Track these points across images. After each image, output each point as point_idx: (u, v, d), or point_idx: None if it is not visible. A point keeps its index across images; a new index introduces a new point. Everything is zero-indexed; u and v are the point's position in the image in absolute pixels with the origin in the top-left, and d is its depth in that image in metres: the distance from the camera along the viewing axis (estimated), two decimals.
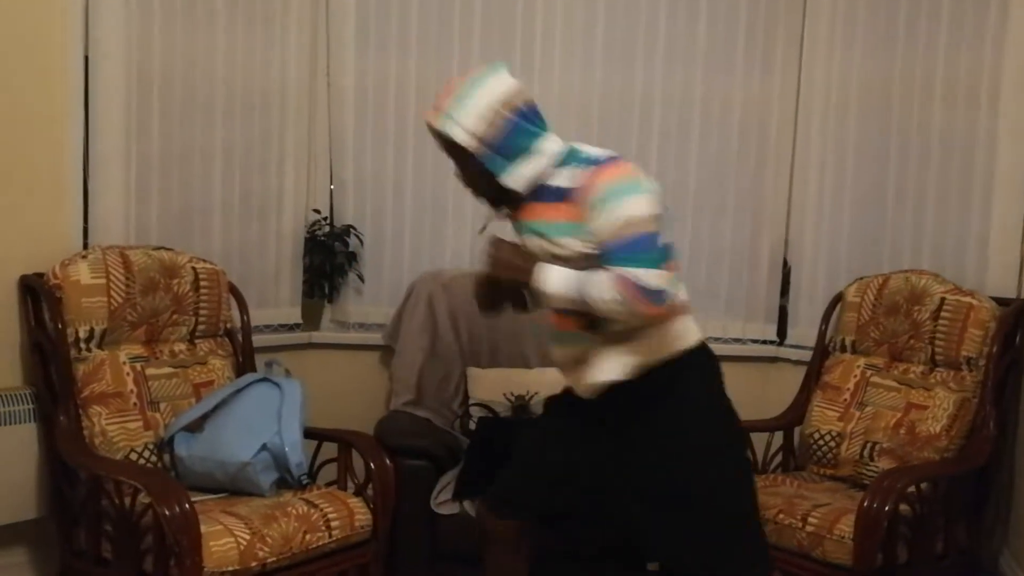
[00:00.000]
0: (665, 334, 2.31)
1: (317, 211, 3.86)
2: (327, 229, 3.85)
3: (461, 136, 2.18)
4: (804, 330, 3.84)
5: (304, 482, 2.94)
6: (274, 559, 2.63)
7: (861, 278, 3.51)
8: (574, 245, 2.20)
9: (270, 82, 3.65)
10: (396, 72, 3.86)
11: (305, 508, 2.78)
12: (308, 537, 2.72)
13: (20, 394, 2.89)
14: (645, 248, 2.14)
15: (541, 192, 2.25)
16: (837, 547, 2.77)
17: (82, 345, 2.90)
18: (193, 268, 3.18)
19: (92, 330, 2.91)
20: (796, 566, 2.89)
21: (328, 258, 3.84)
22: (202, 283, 3.19)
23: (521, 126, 2.21)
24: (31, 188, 3.00)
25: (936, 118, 3.56)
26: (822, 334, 3.58)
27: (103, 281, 2.94)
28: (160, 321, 3.09)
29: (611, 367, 2.29)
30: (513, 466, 2.54)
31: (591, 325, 2.26)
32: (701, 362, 2.40)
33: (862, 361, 3.40)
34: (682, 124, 3.93)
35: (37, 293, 2.91)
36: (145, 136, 3.30)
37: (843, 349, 3.48)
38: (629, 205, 2.15)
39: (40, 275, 2.93)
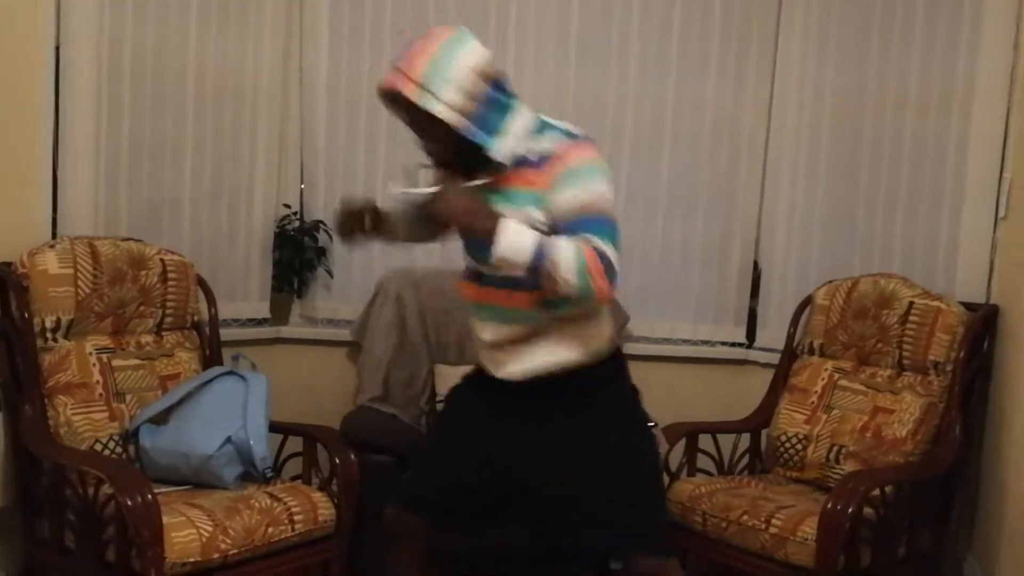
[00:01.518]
0: (604, 329, 2.32)
1: (287, 206, 3.85)
2: (297, 224, 3.84)
3: (444, 112, 2.08)
4: (773, 333, 3.86)
5: (268, 476, 2.93)
6: (236, 551, 2.61)
7: (830, 281, 3.54)
8: (533, 215, 2.14)
9: (243, 75, 3.64)
10: (369, 68, 3.85)
11: (269, 502, 2.77)
12: (271, 530, 2.71)
13: None
14: (610, 227, 2.13)
15: (515, 161, 2.19)
16: (800, 549, 2.78)
17: (48, 335, 2.88)
18: (161, 260, 3.16)
19: (59, 320, 2.89)
20: (759, 568, 2.90)
21: (297, 253, 3.83)
22: (170, 275, 3.17)
23: (497, 97, 2.16)
24: (0, 177, 2.97)
25: (908, 125, 3.59)
26: (791, 337, 3.60)
27: (71, 271, 2.92)
28: (127, 312, 3.07)
29: (560, 352, 2.26)
30: (417, 460, 2.52)
31: (545, 304, 2.21)
32: (623, 362, 2.42)
33: (830, 364, 3.42)
34: (654, 129, 3.93)
35: (4, 282, 2.88)
36: (116, 127, 3.28)
37: (811, 352, 3.50)
38: (602, 186, 2.15)
39: (7, 264, 2.90)
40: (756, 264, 4.01)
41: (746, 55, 3.90)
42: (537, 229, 2.13)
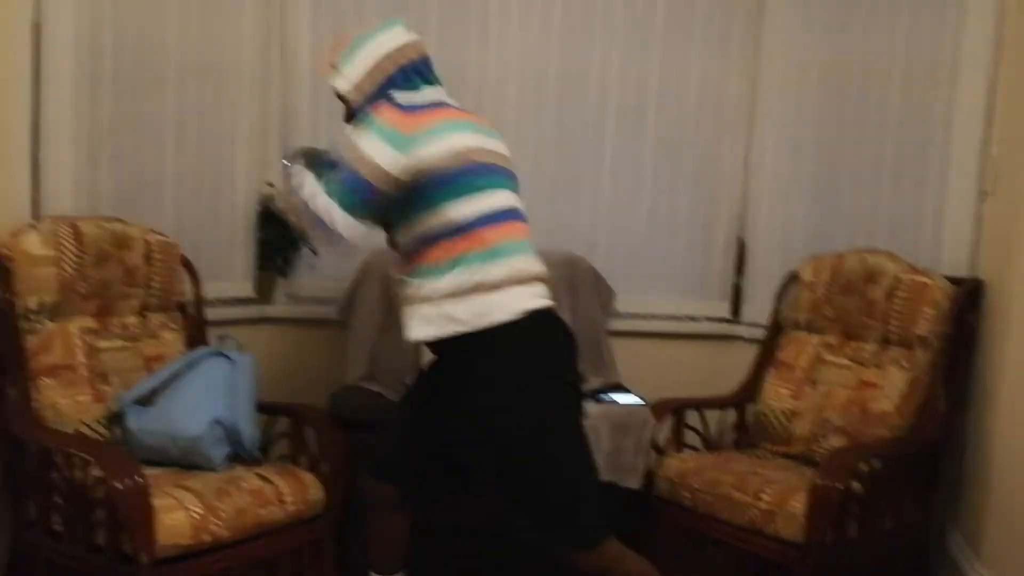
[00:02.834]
0: (483, 301, 2.28)
1: (271, 184, 3.81)
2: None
3: (344, 87, 2.35)
4: (758, 308, 3.86)
5: (257, 456, 2.92)
6: (227, 534, 2.60)
7: (816, 256, 3.55)
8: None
9: (224, 53, 3.58)
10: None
11: (258, 482, 2.76)
12: (261, 512, 2.70)
13: None
14: (345, 183, 2.26)
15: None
16: (789, 523, 2.80)
17: (32, 316, 2.84)
18: (145, 240, 3.13)
19: (42, 301, 2.86)
20: (748, 542, 2.93)
21: (282, 232, 3.79)
22: (154, 255, 3.14)
23: (397, 80, 2.32)
24: None
25: (894, 98, 3.59)
26: (776, 312, 3.61)
27: (54, 252, 2.88)
28: (111, 293, 3.04)
29: (419, 324, 2.32)
30: (383, 427, 2.63)
31: (412, 272, 2.33)
32: (520, 334, 2.31)
33: (815, 339, 3.44)
34: (638, 100, 3.91)
35: None
36: (96, 106, 3.22)
37: (796, 327, 3.51)
38: (362, 139, 2.25)
39: None
40: (740, 239, 4.01)
41: (730, 26, 3.89)
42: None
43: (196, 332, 3.28)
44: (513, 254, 2.33)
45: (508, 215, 2.36)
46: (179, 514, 2.51)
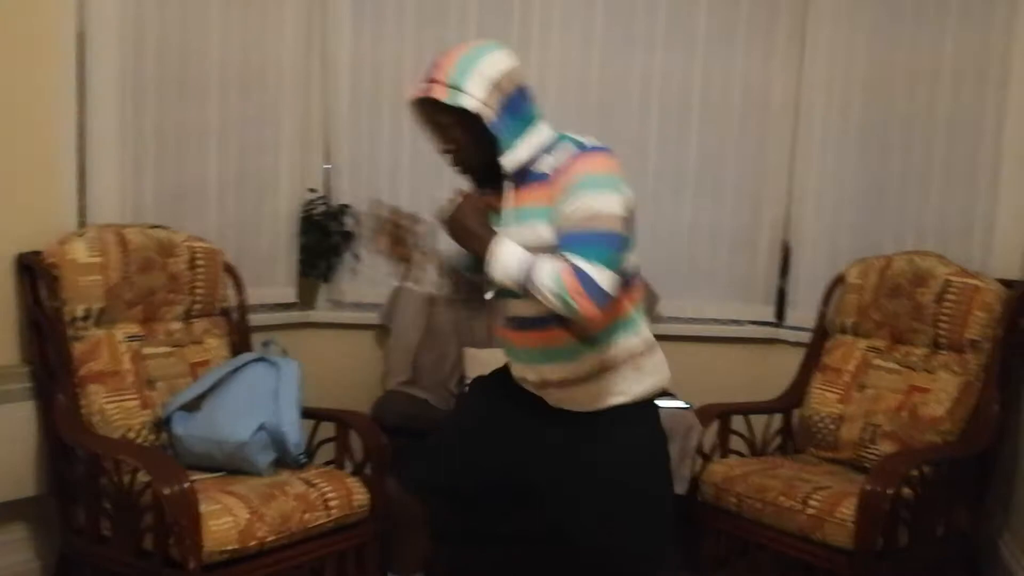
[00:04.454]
0: (646, 365, 2.24)
1: (313, 190, 3.83)
2: (323, 208, 3.82)
3: (472, 103, 2.06)
4: (803, 312, 3.82)
5: (302, 461, 2.92)
6: (273, 538, 2.61)
7: (862, 259, 3.49)
8: (542, 232, 2.08)
9: (266, 60, 3.61)
10: (392, 52, 3.82)
11: (303, 487, 2.76)
12: (307, 516, 2.70)
13: (18, 372, 2.86)
14: (602, 244, 2.02)
15: (524, 176, 2.15)
16: (838, 530, 2.76)
17: (79, 323, 2.87)
18: (189, 247, 3.15)
19: (89, 309, 2.88)
20: (795, 548, 2.88)
21: (324, 238, 3.82)
22: (198, 262, 3.16)
23: (520, 104, 2.13)
24: (27, 166, 2.95)
25: (943, 98, 3.53)
26: (822, 315, 3.56)
27: (100, 259, 2.91)
28: (156, 300, 3.06)
29: (590, 400, 2.20)
30: (430, 445, 2.47)
31: (584, 340, 2.16)
32: (656, 406, 2.32)
33: (863, 343, 3.39)
34: (682, 105, 3.90)
35: (34, 271, 2.87)
36: (140, 114, 3.26)
37: (843, 331, 3.46)
38: (601, 199, 2.03)
39: (37, 253, 2.89)
40: (785, 242, 3.97)
41: (775, 28, 3.86)
42: (547, 247, 2.07)
43: (240, 338, 3.29)
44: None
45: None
46: (226, 519, 2.52)
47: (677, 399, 3.46)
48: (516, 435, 2.32)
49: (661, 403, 3.37)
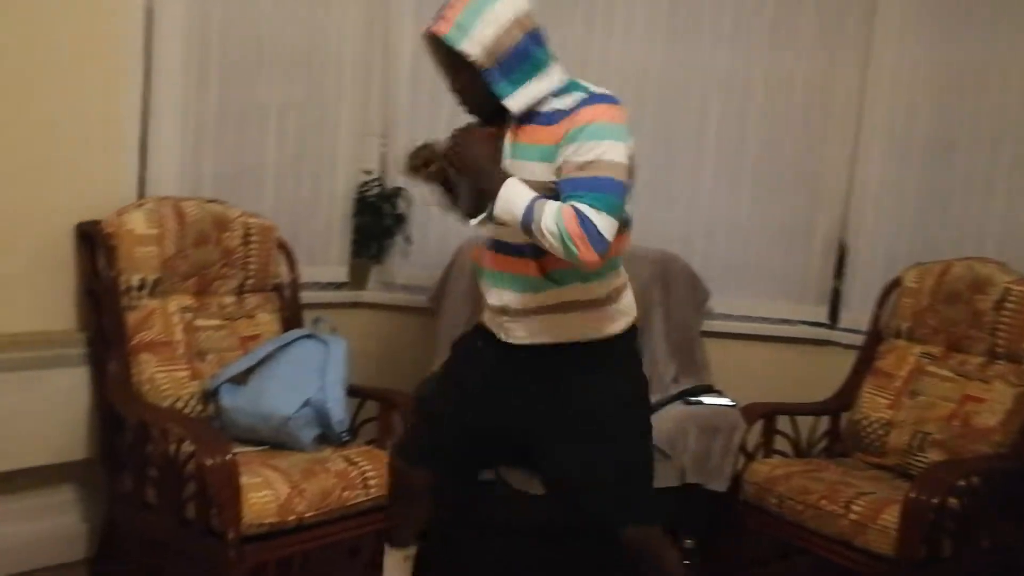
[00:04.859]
0: (619, 304, 2.28)
1: (368, 172, 3.85)
2: (377, 191, 3.84)
3: (473, 49, 2.09)
4: (857, 314, 3.76)
5: (344, 439, 2.95)
6: (311, 514, 2.64)
7: (920, 263, 3.43)
8: (543, 171, 2.12)
9: (328, 42, 3.63)
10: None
11: (344, 465, 2.79)
12: (346, 494, 2.73)
13: (74, 338, 2.93)
14: (606, 191, 2.04)
15: (532, 116, 2.17)
16: (880, 537, 2.72)
17: (134, 293, 2.92)
18: (244, 222, 3.19)
19: (144, 279, 2.94)
20: (836, 553, 2.85)
21: (377, 219, 3.84)
22: (252, 237, 3.20)
23: (531, 48, 2.13)
24: (92, 138, 3.01)
25: (1012, 102, 3.45)
26: (876, 319, 3.50)
27: (156, 231, 2.96)
28: (210, 273, 3.10)
29: (549, 334, 2.24)
30: (421, 413, 2.52)
31: (549, 275, 2.20)
32: (634, 338, 2.35)
33: (917, 349, 3.33)
34: (742, 100, 3.85)
35: (93, 240, 2.93)
36: (203, 91, 3.29)
37: (898, 335, 3.40)
38: (606, 146, 2.06)
39: (96, 223, 2.95)
40: (841, 243, 3.91)
41: (840, 26, 3.79)
42: (547, 188, 2.11)
43: (291, 314, 3.33)
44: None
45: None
46: (266, 493, 2.55)
47: (723, 396, 3.44)
48: (496, 392, 2.35)
49: (707, 400, 3.40)
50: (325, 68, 3.64)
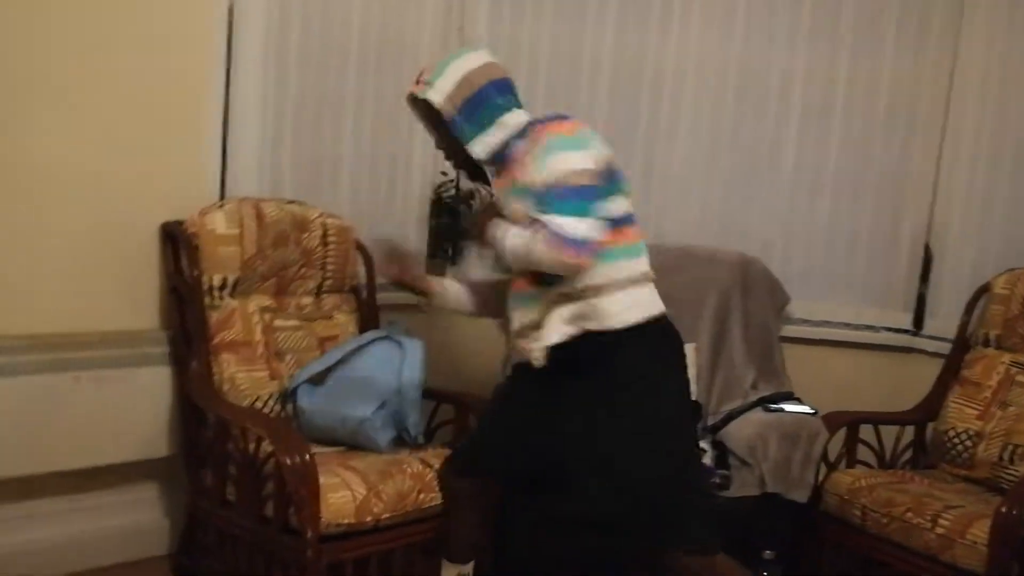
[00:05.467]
0: (612, 303, 2.30)
1: (444, 173, 3.85)
2: (453, 192, 3.84)
3: (436, 99, 2.32)
4: (943, 321, 3.66)
5: (420, 441, 2.95)
6: (388, 515, 2.65)
7: (1011, 270, 3.32)
8: (523, 206, 2.28)
9: (404, 39, 3.62)
10: (529, 36, 3.80)
11: (420, 467, 2.79)
12: (422, 496, 2.73)
13: (157, 337, 2.98)
14: (572, 198, 2.20)
15: (503, 161, 2.37)
16: (969, 553, 2.64)
17: (215, 293, 2.96)
18: (322, 223, 3.21)
19: (225, 279, 2.97)
20: (921, 569, 2.77)
21: (453, 221, 3.84)
22: (330, 238, 3.22)
23: (491, 96, 2.31)
24: (177, 139, 3.06)
25: None
26: (963, 326, 3.40)
27: (237, 231, 2.99)
28: (289, 274, 3.13)
29: (554, 330, 2.31)
30: (477, 428, 2.68)
31: (539, 282, 2.31)
32: (648, 338, 2.34)
33: (1007, 358, 3.23)
34: (824, 100, 3.78)
35: (177, 240, 2.98)
36: (282, 89, 3.32)
37: (986, 344, 3.30)
38: (564, 158, 2.23)
39: (180, 223, 2.99)
40: (927, 248, 3.80)
41: (927, 25, 3.69)
42: (525, 219, 2.27)
43: (368, 315, 3.34)
44: (641, 254, 2.39)
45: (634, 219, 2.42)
46: (344, 493, 2.57)
47: (803, 404, 3.37)
48: (538, 417, 2.42)
49: (787, 407, 3.33)
50: (401, 65, 3.61)
